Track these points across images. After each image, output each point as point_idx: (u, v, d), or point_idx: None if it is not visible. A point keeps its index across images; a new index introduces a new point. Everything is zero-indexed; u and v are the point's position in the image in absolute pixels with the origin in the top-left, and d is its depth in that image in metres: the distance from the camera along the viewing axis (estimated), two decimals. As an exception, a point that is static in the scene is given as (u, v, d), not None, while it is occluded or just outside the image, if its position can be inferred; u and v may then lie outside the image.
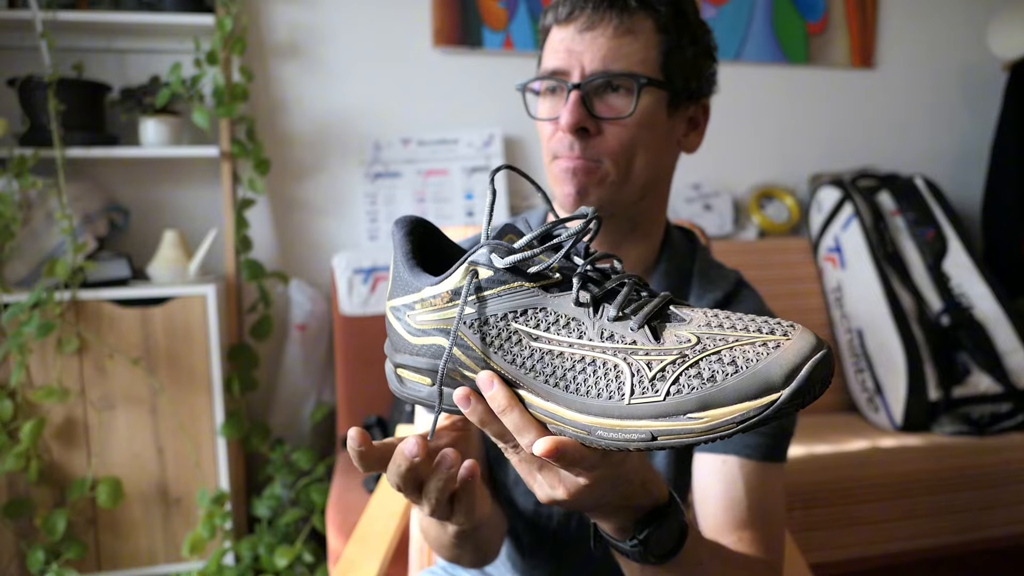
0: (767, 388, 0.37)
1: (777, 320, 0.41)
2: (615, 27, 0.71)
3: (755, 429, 0.38)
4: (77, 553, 1.55)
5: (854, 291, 2.03)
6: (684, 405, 0.39)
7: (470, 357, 0.46)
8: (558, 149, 0.74)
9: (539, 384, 0.44)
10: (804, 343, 0.38)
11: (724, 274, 0.84)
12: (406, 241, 0.50)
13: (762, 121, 2.31)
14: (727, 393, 0.38)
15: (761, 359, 0.38)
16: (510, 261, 0.44)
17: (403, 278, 0.49)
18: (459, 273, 0.46)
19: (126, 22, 1.70)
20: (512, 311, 0.45)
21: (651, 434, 0.40)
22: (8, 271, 1.60)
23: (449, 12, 2.02)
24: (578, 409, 0.42)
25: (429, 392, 0.49)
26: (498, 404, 0.45)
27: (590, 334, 0.43)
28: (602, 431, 0.41)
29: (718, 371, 0.39)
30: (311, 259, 2.00)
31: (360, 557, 0.91)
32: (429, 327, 0.48)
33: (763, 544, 0.70)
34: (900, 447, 1.72)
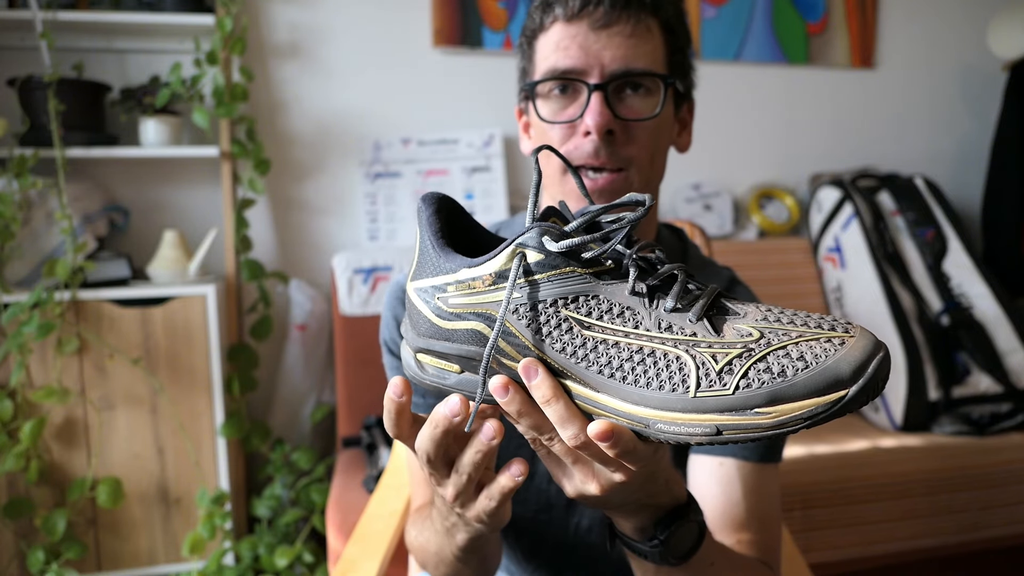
0: (836, 384, 0.37)
1: (832, 317, 0.41)
2: (633, 25, 0.69)
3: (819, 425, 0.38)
4: (77, 553, 1.55)
5: (854, 291, 2.03)
6: (753, 399, 0.38)
7: (512, 344, 0.44)
8: (576, 155, 0.70)
9: (591, 374, 0.42)
10: (868, 341, 0.38)
11: (716, 271, 0.83)
12: (436, 219, 0.47)
13: (762, 121, 2.31)
14: (797, 388, 0.37)
15: (830, 355, 0.38)
16: (565, 245, 0.42)
17: (432, 258, 0.46)
18: (505, 255, 0.44)
19: (126, 22, 1.70)
20: (563, 297, 0.43)
21: (716, 428, 0.39)
22: (8, 271, 1.60)
23: (449, 12, 2.02)
24: (635, 401, 0.41)
25: (457, 380, 0.47)
26: (542, 394, 0.42)
27: (647, 324, 0.42)
28: (662, 424, 0.40)
29: (788, 366, 0.38)
30: (311, 259, 2.00)
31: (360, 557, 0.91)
32: (465, 311, 0.45)
33: (761, 546, 0.70)
34: (900, 447, 1.72)
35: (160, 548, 1.66)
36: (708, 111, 2.26)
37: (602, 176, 0.70)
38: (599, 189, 0.70)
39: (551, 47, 0.71)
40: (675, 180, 2.23)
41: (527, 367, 0.43)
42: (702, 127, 2.25)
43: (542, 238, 0.43)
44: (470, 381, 0.46)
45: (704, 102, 2.25)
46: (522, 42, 0.77)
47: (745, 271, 2.07)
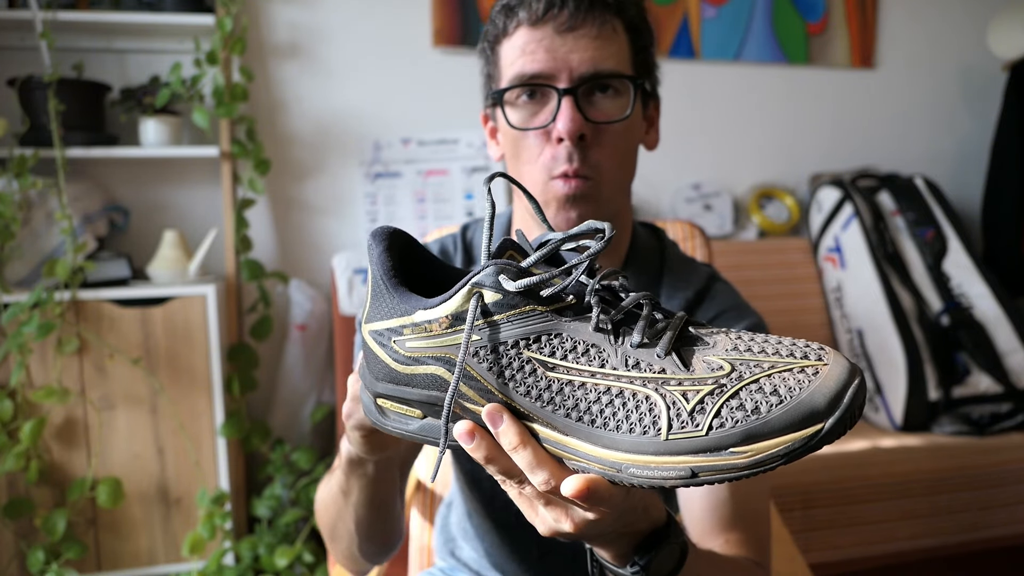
0: (812, 418, 0.35)
1: (803, 342, 0.39)
2: (599, 26, 0.69)
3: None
4: (77, 553, 1.55)
5: (854, 291, 2.03)
6: (728, 439, 0.36)
7: (475, 388, 0.42)
8: (555, 166, 0.70)
9: (558, 418, 0.40)
10: (842, 368, 0.37)
11: (695, 269, 0.82)
12: (386, 256, 0.45)
13: (762, 121, 2.31)
14: (772, 425, 0.36)
15: (804, 387, 0.36)
16: (523, 285, 0.40)
17: (385, 299, 0.44)
18: (460, 296, 0.41)
19: (126, 22, 1.70)
20: (524, 338, 0.41)
21: (691, 470, 0.37)
22: (8, 271, 1.60)
23: (449, 12, 2.02)
24: (605, 445, 0.39)
25: (420, 426, 0.45)
26: (509, 441, 0.41)
27: (613, 362, 0.40)
28: (635, 468, 0.38)
29: (761, 402, 0.36)
30: (311, 259, 2.00)
31: (360, 557, 0.91)
32: (423, 355, 0.43)
33: (751, 545, 0.69)
34: (900, 447, 1.72)
35: (160, 548, 1.66)
36: (708, 111, 2.26)
37: (575, 181, 0.70)
38: (573, 194, 0.70)
39: (516, 52, 0.70)
40: (675, 180, 2.23)
41: (491, 413, 0.41)
42: (702, 127, 2.25)
43: (498, 277, 0.41)
44: (434, 427, 0.44)
45: (704, 102, 2.25)
46: (484, 47, 0.76)
47: (745, 271, 2.08)
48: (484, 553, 0.87)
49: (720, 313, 0.79)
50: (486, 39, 0.76)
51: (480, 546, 0.88)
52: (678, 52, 2.19)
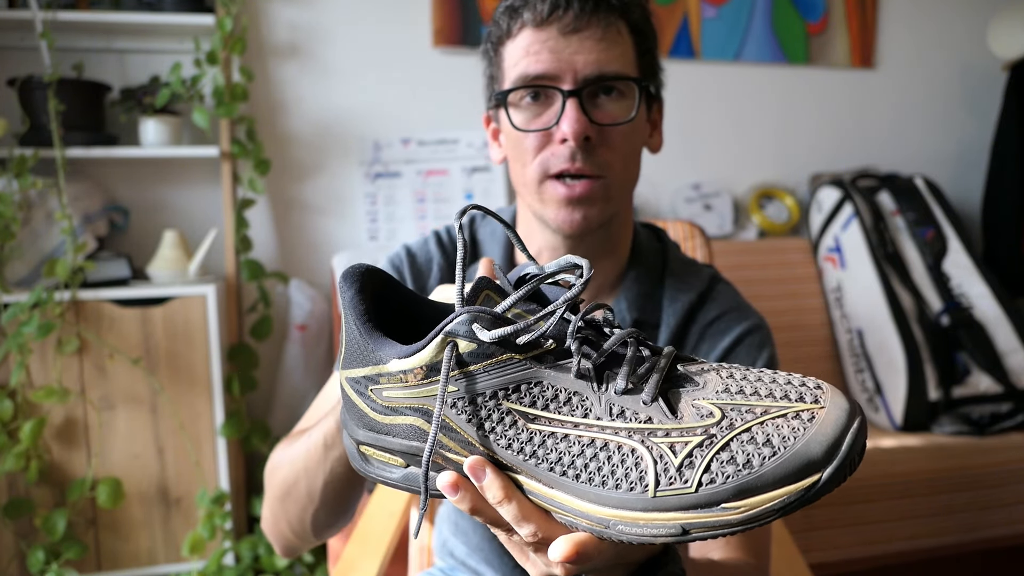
0: (808, 468, 0.34)
1: (799, 380, 0.37)
2: (603, 28, 0.69)
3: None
4: (77, 553, 1.55)
5: (854, 291, 2.03)
6: (719, 495, 0.34)
7: (455, 440, 0.40)
8: (553, 163, 0.70)
9: (542, 471, 0.38)
10: (840, 410, 0.35)
11: (696, 271, 0.82)
12: (359, 300, 0.43)
13: (762, 121, 2.31)
14: (766, 479, 0.34)
15: (799, 436, 0.34)
16: (497, 335, 0.38)
17: (360, 345, 0.42)
18: (433, 346, 0.39)
19: (126, 22, 1.70)
20: (502, 388, 0.39)
21: (682, 528, 0.35)
22: (8, 271, 1.60)
23: (449, 12, 2.02)
24: (592, 500, 0.37)
25: (404, 475, 0.43)
26: (493, 495, 0.40)
27: (597, 411, 0.38)
28: (623, 525, 0.36)
29: (753, 454, 0.34)
30: (311, 259, 2.00)
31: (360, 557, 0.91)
32: (400, 405, 0.41)
33: (750, 548, 0.69)
34: (900, 447, 1.72)
35: (160, 548, 1.66)
36: (708, 111, 2.26)
37: (579, 183, 0.70)
38: (577, 196, 0.70)
39: (520, 53, 0.70)
40: (675, 180, 2.23)
41: (474, 467, 0.40)
42: (702, 127, 2.25)
43: (472, 326, 0.39)
44: (417, 476, 0.42)
45: (704, 102, 2.25)
46: (487, 48, 0.76)
47: (745, 271, 2.07)
48: (475, 548, 0.87)
49: (721, 314, 0.79)
50: (489, 40, 0.75)
51: (471, 540, 0.87)
52: (678, 52, 2.19)
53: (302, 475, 0.66)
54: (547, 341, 0.39)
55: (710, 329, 0.78)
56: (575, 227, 0.71)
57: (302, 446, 0.66)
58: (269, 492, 0.70)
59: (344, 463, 0.63)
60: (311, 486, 0.66)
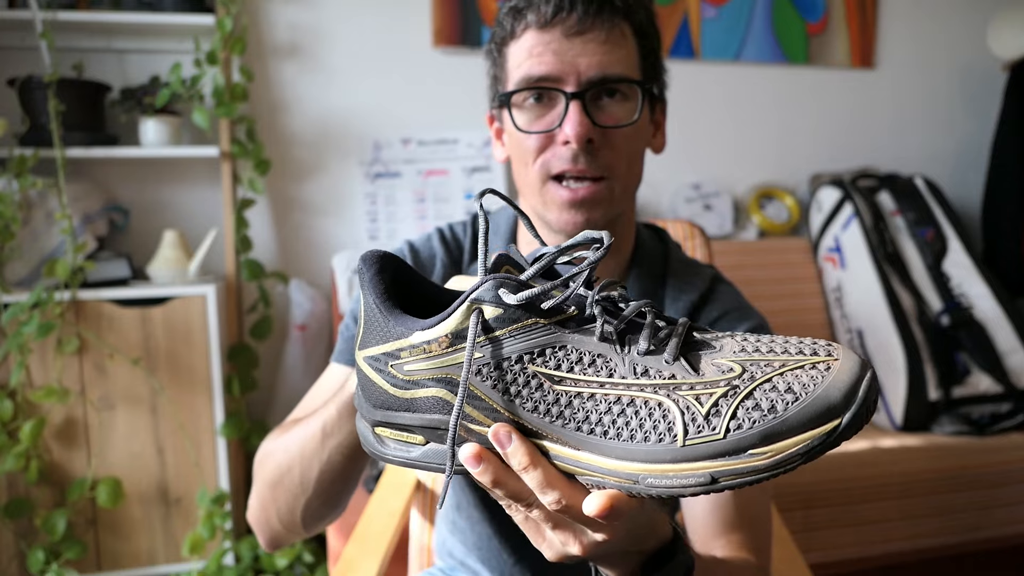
0: (829, 413, 0.35)
1: (810, 340, 0.39)
2: (607, 30, 0.69)
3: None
4: (77, 553, 1.55)
5: (854, 291, 2.03)
6: (746, 441, 0.35)
7: (479, 408, 0.41)
8: (555, 164, 0.70)
9: (568, 432, 0.39)
10: (852, 363, 0.37)
11: (698, 271, 0.83)
12: (378, 280, 0.44)
13: (762, 121, 2.31)
14: (791, 423, 0.35)
15: (818, 383, 0.36)
16: (524, 297, 0.39)
17: (380, 323, 0.43)
18: (459, 313, 0.40)
19: (126, 22, 1.70)
20: (527, 352, 0.40)
21: (711, 476, 0.36)
22: (8, 271, 1.60)
23: (449, 12, 2.02)
24: (620, 456, 0.38)
25: (423, 452, 0.43)
26: (519, 461, 0.40)
27: (621, 371, 0.39)
28: (652, 478, 0.37)
29: (777, 401, 0.36)
30: (311, 259, 2.00)
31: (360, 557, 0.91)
32: (423, 377, 0.42)
33: (752, 547, 0.69)
34: (900, 447, 1.72)
35: (160, 548, 1.66)
36: (708, 111, 2.26)
37: (583, 186, 0.70)
38: (580, 199, 0.70)
39: (523, 54, 0.70)
40: (675, 180, 2.23)
41: (499, 434, 0.40)
42: (702, 127, 2.25)
43: (498, 291, 0.40)
44: (437, 452, 0.43)
45: (704, 102, 2.25)
46: (491, 49, 0.76)
47: (745, 271, 2.07)
48: (472, 546, 0.87)
49: (723, 314, 0.79)
50: (493, 41, 0.76)
51: (468, 539, 0.87)
52: (678, 52, 2.19)
53: (297, 463, 0.65)
54: (570, 307, 0.40)
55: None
56: (578, 229, 0.71)
57: (299, 434, 0.65)
58: (259, 480, 0.69)
59: (342, 452, 0.63)
60: (305, 474, 0.65)
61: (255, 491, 0.70)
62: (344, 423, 0.62)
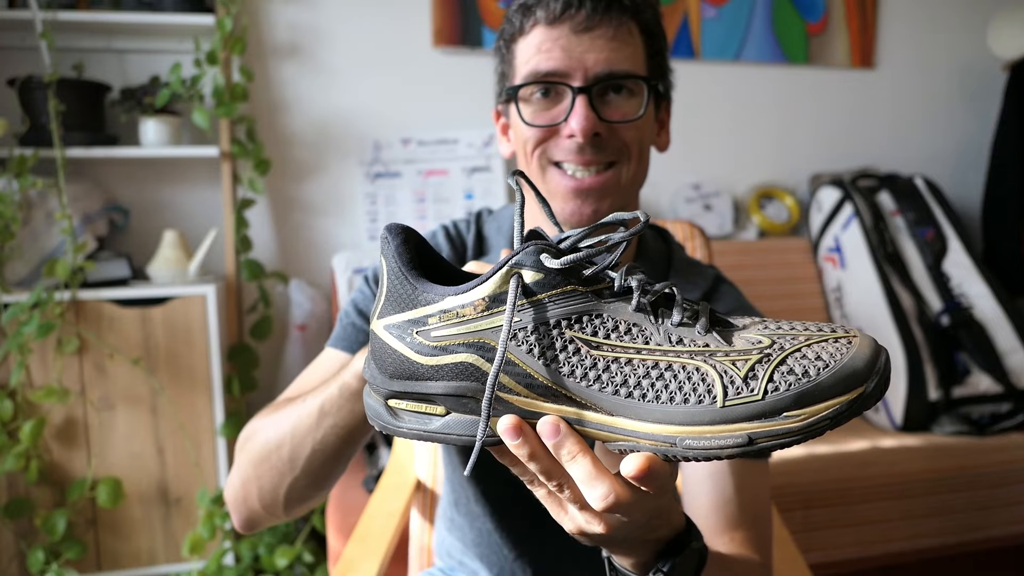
0: (856, 381, 0.37)
1: (827, 324, 0.41)
2: (615, 28, 0.70)
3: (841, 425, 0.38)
4: (77, 553, 1.55)
5: (854, 291, 2.03)
6: (782, 402, 0.37)
7: (512, 374, 0.41)
8: (557, 152, 0.71)
9: (606, 396, 0.39)
10: (870, 340, 0.39)
11: (701, 272, 0.83)
12: (405, 249, 0.44)
13: (762, 121, 2.31)
14: (823, 388, 0.37)
15: (844, 354, 0.38)
16: (568, 260, 0.40)
17: (406, 290, 0.43)
18: (498, 277, 0.40)
19: (126, 22, 1.70)
20: (566, 318, 0.40)
21: (748, 437, 0.37)
22: (8, 271, 1.60)
23: (449, 12, 2.02)
24: (658, 419, 0.38)
25: (443, 423, 0.42)
26: (569, 450, 0.40)
27: (657, 339, 0.40)
28: (690, 439, 0.38)
29: (809, 367, 0.38)
30: (311, 259, 2.00)
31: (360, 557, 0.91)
32: (453, 342, 0.41)
33: (754, 544, 0.69)
34: (900, 447, 1.72)
35: (160, 548, 1.66)
36: (708, 111, 2.26)
37: (590, 174, 0.71)
38: (587, 188, 0.70)
39: (532, 50, 0.71)
40: (675, 180, 2.23)
41: (549, 426, 0.40)
42: (702, 127, 2.25)
43: (539, 256, 0.41)
44: (459, 423, 0.42)
45: (704, 102, 2.25)
46: (499, 45, 0.77)
47: (745, 271, 2.07)
48: (470, 543, 0.87)
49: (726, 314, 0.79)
50: (502, 37, 0.76)
51: (466, 536, 0.87)
52: (678, 52, 2.19)
53: (287, 440, 0.64)
54: (607, 277, 0.42)
55: None
56: (584, 221, 0.71)
57: (293, 412, 0.65)
58: (243, 458, 0.68)
59: (338, 433, 0.62)
60: (295, 453, 0.64)
61: (236, 469, 0.69)
62: (345, 403, 0.61)
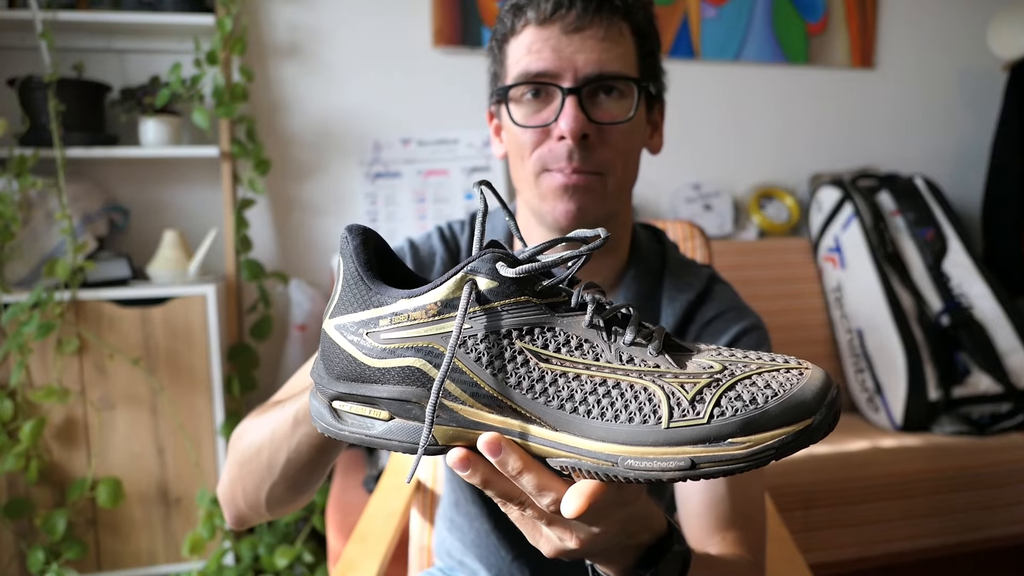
0: (804, 412, 0.37)
1: (781, 356, 0.41)
2: (606, 28, 0.69)
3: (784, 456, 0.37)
4: (77, 553, 1.55)
5: (854, 291, 2.03)
6: (727, 428, 0.37)
7: (458, 382, 0.40)
8: (550, 160, 0.70)
9: (550, 410, 0.39)
10: (821, 372, 0.39)
11: (695, 271, 0.83)
12: (363, 250, 0.43)
13: (762, 121, 2.31)
14: (770, 416, 0.36)
15: (793, 384, 0.37)
16: (524, 270, 0.39)
17: (360, 291, 0.42)
18: (452, 282, 0.40)
19: (126, 22, 1.70)
20: (517, 328, 0.40)
21: (691, 461, 0.37)
22: (8, 271, 1.60)
23: (449, 12, 2.02)
24: (601, 437, 0.38)
25: (386, 428, 0.42)
26: (512, 467, 0.39)
27: (608, 356, 0.40)
28: (632, 460, 0.37)
29: (757, 394, 0.37)
30: (311, 259, 2.00)
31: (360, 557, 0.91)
32: (401, 346, 0.41)
33: (746, 544, 0.69)
34: (900, 447, 1.72)
35: (160, 548, 1.66)
36: (708, 111, 2.26)
37: (577, 175, 0.70)
38: (573, 185, 0.70)
39: (522, 50, 0.71)
40: (675, 180, 2.23)
41: (490, 443, 0.39)
42: (702, 127, 2.25)
43: (495, 264, 0.40)
44: (401, 429, 0.41)
45: (704, 102, 2.25)
46: (492, 46, 0.77)
47: (745, 271, 2.07)
48: (470, 544, 0.87)
49: (719, 314, 0.79)
50: (494, 38, 0.76)
51: (466, 537, 0.87)
52: (678, 52, 2.19)
53: (266, 446, 0.64)
54: (562, 293, 0.41)
55: (708, 328, 0.79)
56: (571, 218, 0.71)
57: (272, 417, 0.64)
58: (231, 457, 0.69)
59: (311, 442, 0.61)
60: (272, 459, 0.64)
61: (227, 467, 0.69)
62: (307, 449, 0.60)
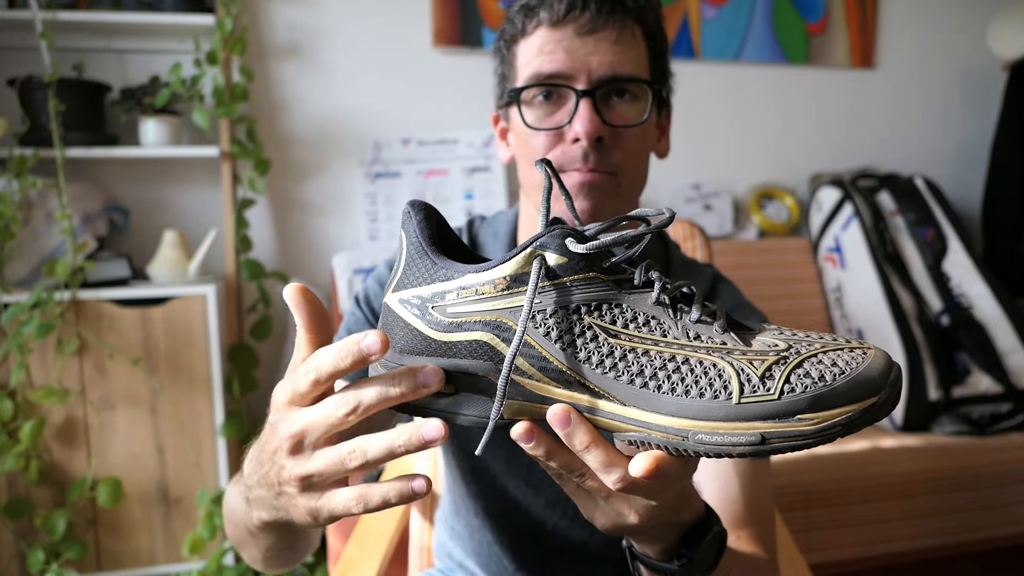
0: (871, 390, 0.37)
1: (841, 336, 0.41)
2: (619, 31, 0.69)
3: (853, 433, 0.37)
4: (77, 553, 1.55)
5: (854, 291, 2.03)
6: (797, 404, 0.37)
7: (527, 356, 0.40)
8: (565, 162, 0.70)
9: (620, 385, 0.39)
10: (884, 353, 0.39)
11: (699, 271, 0.83)
12: (427, 224, 0.44)
13: (762, 121, 2.31)
14: (838, 393, 0.37)
15: (859, 363, 0.38)
16: (594, 246, 0.39)
17: (425, 266, 0.42)
18: (521, 257, 0.40)
19: (126, 22, 1.70)
20: (585, 304, 0.40)
21: (761, 436, 0.37)
22: (8, 271, 1.60)
23: (449, 12, 2.02)
24: (672, 411, 0.38)
25: (450, 401, 0.42)
26: (580, 441, 0.39)
27: (675, 333, 0.40)
28: (703, 435, 0.38)
29: (825, 372, 0.38)
30: (311, 259, 2.00)
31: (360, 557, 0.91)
32: (469, 319, 0.41)
33: (760, 542, 0.69)
34: (900, 447, 1.72)
35: (160, 548, 1.66)
36: (708, 111, 2.26)
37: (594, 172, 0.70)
38: (588, 182, 0.70)
39: (534, 52, 0.70)
40: (675, 180, 2.23)
41: (559, 415, 0.39)
42: (702, 127, 2.25)
43: (565, 240, 0.40)
44: (468, 401, 0.42)
45: (704, 102, 2.25)
46: (499, 46, 0.76)
47: (745, 271, 2.07)
48: (471, 552, 0.87)
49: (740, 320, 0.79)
50: (502, 38, 0.75)
51: (467, 545, 0.87)
52: (678, 52, 2.19)
53: (231, 518, 0.57)
54: (627, 270, 0.41)
55: None
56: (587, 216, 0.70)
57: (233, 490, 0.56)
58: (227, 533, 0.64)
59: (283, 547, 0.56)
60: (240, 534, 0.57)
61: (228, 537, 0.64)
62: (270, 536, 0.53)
